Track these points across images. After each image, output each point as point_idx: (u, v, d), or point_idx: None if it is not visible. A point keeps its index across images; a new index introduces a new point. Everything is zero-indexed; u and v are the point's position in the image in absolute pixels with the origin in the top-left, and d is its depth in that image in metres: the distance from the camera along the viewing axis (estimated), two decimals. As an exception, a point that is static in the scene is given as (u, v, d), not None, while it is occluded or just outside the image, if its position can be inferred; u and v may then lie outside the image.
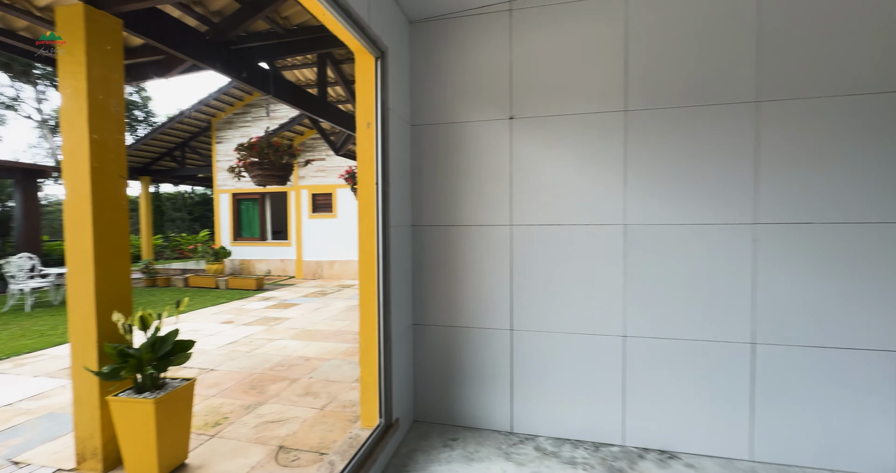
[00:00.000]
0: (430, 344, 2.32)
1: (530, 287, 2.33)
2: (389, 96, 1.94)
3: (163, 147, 13.42)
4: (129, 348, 2.61)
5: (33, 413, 3.60)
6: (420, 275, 2.31)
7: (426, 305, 2.32)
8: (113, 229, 2.73)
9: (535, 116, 2.30)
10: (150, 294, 9.66)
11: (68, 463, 2.82)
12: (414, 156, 2.32)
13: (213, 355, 5.09)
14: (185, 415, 2.79)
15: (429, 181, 2.29)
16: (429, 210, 2.29)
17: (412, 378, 2.34)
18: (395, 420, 2.00)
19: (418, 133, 2.31)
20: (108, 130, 2.68)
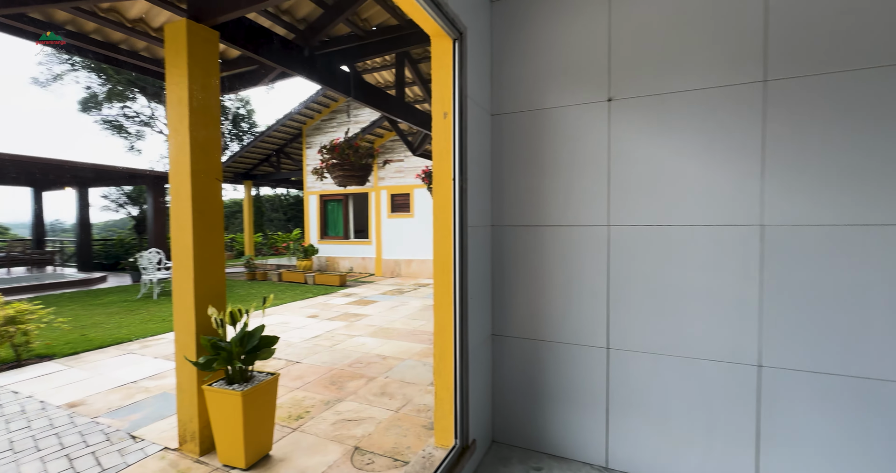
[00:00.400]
0: (511, 358, 2.08)
1: (633, 300, 1.96)
2: (468, 83, 1.75)
3: (262, 154, 14.80)
4: (221, 341, 2.75)
5: (150, 392, 4.04)
6: (500, 281, 2.08)
7: (507, 314, 2.08)
8: (209, 228, 2.90)
9: (640, 96, 1.94)
10: (249, 287, 10.64)
11: (173, 443, 3.07)
12: (494, 149, 2.08)
13: (299, 348, 5.36)
14: (270, 408, 2.88)
15: (510, 177, 2.04)
16: (511, 209, 2.04)
17: (491, 394, 2.12)
18: (471, 442, 1.81)
19: (499, 124, 2.07)
20: (206, 136, 2.85)
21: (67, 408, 3.69)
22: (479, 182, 1.90)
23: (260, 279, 11.93)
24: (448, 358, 1.75)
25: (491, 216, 2.11)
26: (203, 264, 2.86)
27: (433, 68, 1.72)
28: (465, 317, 1.73)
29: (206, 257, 2.88)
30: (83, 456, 2.93)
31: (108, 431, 3.28)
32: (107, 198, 18.88)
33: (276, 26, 3.95)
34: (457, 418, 1.78)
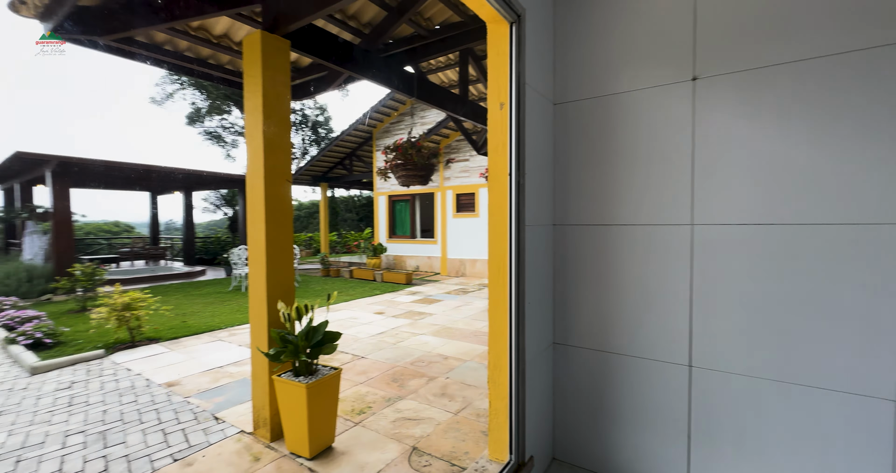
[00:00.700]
0: (576, 369, 1.89)
1: (722, 312, 1.66)
2: (526, 69, 1.60)
3: (336, 157, 15.68)
4: (289, 334, 2.88)
5: (233, 377, 4.40)
6: (563, 285, 1.89)
7: (570, 322, 1.89)
8: (280, 226, 3.06)
9: (736, 72, 1.64)
10: (323, 282, 11.30)
11: (248, 427, 3.29)
12: (557, 141, 1.90)
13: (364, 343, 5.53)
14: (332, 402, 2.96)
15: (575, 171, 1.85)
16: (575, 206, 1.85)
17: (551, 407, 1.95)
18: (528, 459, 1.68)
19: (563, 113, 1.89)
20: (277, 140, 3.01)
21: (166, 387, 4.15)
22: (539, 177, 1.75)
23: (333, 276, 12.62)
24: (503, 367, 1.62)
25: (553, 215, 1.93)
26: (274, 260, 3.03)
27: (489, 56, 1.61)
28: (522, 323, 1.59)
29: (276, 255, 3.04)
30: (175, 432, 3.24)
31: (196, 411, 3.62)
32: (206, 200, 21.27)
33: (343, 32, 4.09)
34: (512, 432, 1.65)
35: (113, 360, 5.00)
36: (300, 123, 27.50)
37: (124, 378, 4.41)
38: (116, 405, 3.76)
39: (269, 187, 2.98)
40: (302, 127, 27.74)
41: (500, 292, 1.61)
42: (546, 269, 1.85)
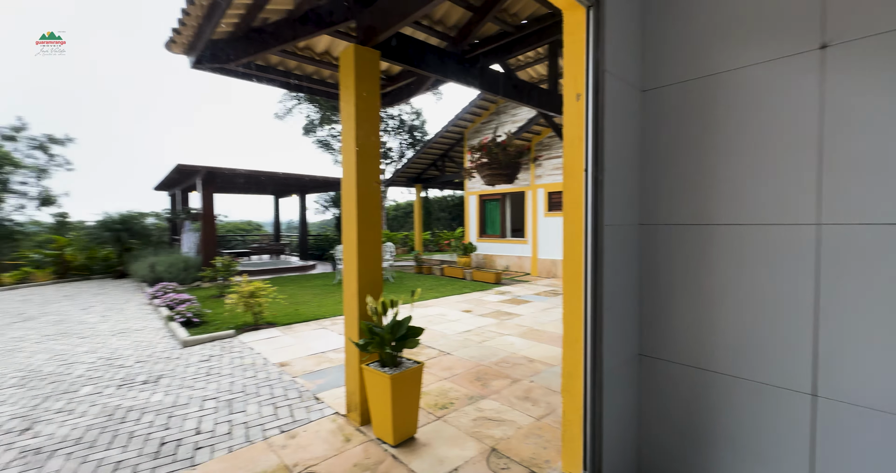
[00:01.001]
0: (667, 386, 1.67)
1: (859, 333, 1.31)
2: (606, 56, 1.46)
3: (430, 159, 16.27)
4: (376, 327, 3.07)
5: (333, 362, 4.84)
6: (653, 291, 1.69)
7: (661, 333, 1.68)
8: (370, 226, 3.27)
9: (880, 33, 1.29)
10: (416, 279, 11.82)
11: (342, 410, 3.59)
12: (646, 131, 1.70)
13: (451, 340, 5.65)
14: (415, 394, 3.08)
15: (668, 165, 1.63)
16: (667, 204, 1.64)
17: (637, 424, 1.76)
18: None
19: (654, 99, 1.69)
20: (368, 145, 3.22)
21: (279, 367, 4.72)
22: (621, 173, 1.58)
23: (426, 273, 13.13)
24: (577, 375, 1.52)
25: (639, 213, 1.73)
26: (364, 258, 3.25)
27: (565, 45, 1.51)
28: (599, 331, 1.46)
29: (367, 253, 3.26)
30: (283, 407, 3.68)
31: (301, 390, 4.05)
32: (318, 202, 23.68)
33: (430, 38, 4.22)
34: (586, 445, 1.53)
35: (240, 339, 5.85)
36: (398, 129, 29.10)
37: (248, 356, 5.13)
38: (241, 378, 4.39)
39: (361, 189, 3.20)
40: (399, 132, 29.33)
41: (575, 296, 1.50)
42: (631, 272, 1.67)
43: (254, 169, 13.06)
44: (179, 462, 2.85)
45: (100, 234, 14.34)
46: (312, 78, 4.31)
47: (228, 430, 3.28)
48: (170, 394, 4.00)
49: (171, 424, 3.39)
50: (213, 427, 3.34)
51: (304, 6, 3.19)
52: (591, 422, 1.48)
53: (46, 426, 3.42)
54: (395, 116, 28.77)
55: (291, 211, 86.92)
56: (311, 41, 3.77)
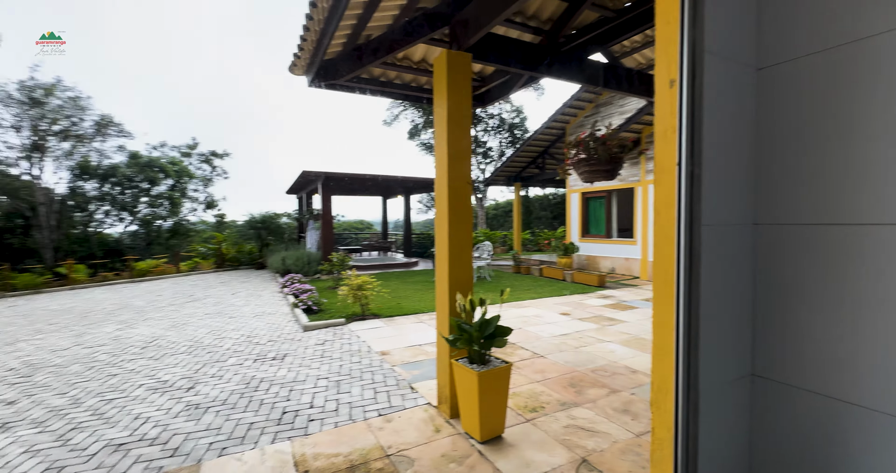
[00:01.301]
0: (788, 414, 1.39)
1: None
2: (706, 33, 1.26)
3: (529, 157, 15.94)
4: (465, 324, 3.14)
5: (428, 355, 5.07)
6: (770, 302, 1.42)
7: (779, 350, 1.41)
8: (461, 225, 3.36)
9: None
10: (514, 279, 11.70)
11: (434, 401, 3.75)
12: (762, 115, 1.42)
13: (546, 342, 5.50)
14: (502, 393, 3.08)
15: (790, 155, 1.35)
16: (791, 201, 1.35)
17: (748, 454, 1.51)
18: None
19: (774, 78, 1.41)
20: (459, 147, 3.31)
21: (380, 355, 5.11)
22: (727, 167, 1.36)
23: (524, 273, 12.92)
24: (667, 391, 1.36)
25: (753, 212, 1.47)
26: (455, 257, 3.35)
27: (657, 26, 1.34)
28: (695, 342, 1.29)
29: (457, 252, 3.36)
30: (382, 392, 3.98)
31: (398, 378, 4.34)
32: (421, 202, 24.86)
33: (524, 34, 4.15)
34: (677, 469, 1.37)
35: (349, 328, 6.47)
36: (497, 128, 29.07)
37: (355, 343, 5.65)
38: (348, 363, 4.86)
39: (452, 190, 3.30)
40: (499, 131, 29.29)
41: (666, 302, 1.35)
42: (741, 279, 1.43)
43: (364, 173, 14.27)
44: (296, 430, 3.28)
45: (246, 232, 17.10)
46: (411, 85, 4.56)
47: (335, 407, 3.66)
48: (292, 371, 4.61)
49: (291, 397, 3.91)
50: (323, 403, 3.77)
51: (401, 20, 3.40)
52: (683, 445, 1.32)
53: (203, 387, 4.21)
54: (494, 115, 28.81)
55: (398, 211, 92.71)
56: (409, 51, 4.00)
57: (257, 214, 17.16)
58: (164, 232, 21.43)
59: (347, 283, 7.11)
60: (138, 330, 6.75)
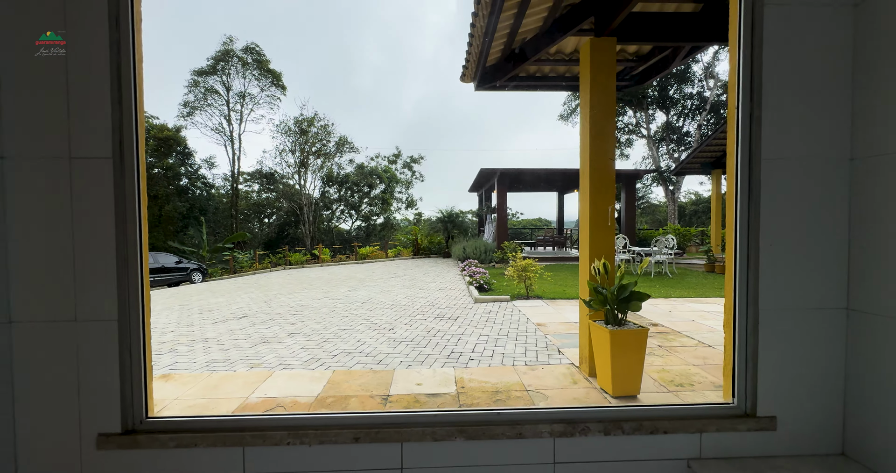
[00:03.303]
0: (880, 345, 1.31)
1: None
2: None
3: (733, 137, 13.53)
4: (601, 288, 3.42)
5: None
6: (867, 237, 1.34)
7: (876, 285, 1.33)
8: (598, 197, 3.62)
9: None
10: (702, 277, 10.33)
11: (577, 362, 4.09)
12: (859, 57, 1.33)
13: (717, 335, 5.02)
14: (636, 354, 3.24)
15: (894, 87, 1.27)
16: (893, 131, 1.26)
17: (839, 390, 1.46)
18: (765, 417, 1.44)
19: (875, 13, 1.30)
20: (601, 128, 3.58)
21: (536, 325, 5.64)
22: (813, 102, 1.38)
23: (718, 272, 11.20)
24: (730, 308, 1.51)
25: (849, 144, 1.40)
26: (594, 224, 3.64)
27: None
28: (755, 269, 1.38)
29: (596, 219, 3.64)
30: (532, 351, 4.53)
31: (548, 343, 4.80)
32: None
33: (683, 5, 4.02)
34: (734, 377, 1.48)
35: (513, 304, 7.17)
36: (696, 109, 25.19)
37: (516, 315, 6.32)
38: (507, 327, 5.57)
39: (593, 164, 3.60)
40: (699, 112, 25.31)
41: (730, 234, 1.51)
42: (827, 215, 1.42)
43: (538, 167, 14.80)
44: (459, 364, 4.15)
45: (435, 225, 19.85)
46: (565, 76, 4.90)
47: (491, 355, 4.41)
48: (461, 328, 5.60)
49: (458, 344, 4.85)
50: (482, 351, 4.56)
51: (549, 20, 3.85)
52: (739, 358, 1.45)
53: (399, 330, 5.58)
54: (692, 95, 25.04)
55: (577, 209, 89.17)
56: (560, 45, 4.37)
57: (444, 210, 19.72)
58: (378, 226, 26.65)
59: (513, 265, 7.84)
60: (360, 292, 9.04)
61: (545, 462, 1.44)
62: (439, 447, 1.41)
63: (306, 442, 1.37)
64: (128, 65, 1.34)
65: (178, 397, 3.35)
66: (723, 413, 1.49)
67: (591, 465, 1.45)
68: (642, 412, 1.48)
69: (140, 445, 1.35)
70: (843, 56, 1.45)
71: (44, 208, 1.32)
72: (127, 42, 1.33)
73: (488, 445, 1.42)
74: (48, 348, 1.34)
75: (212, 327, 6.28)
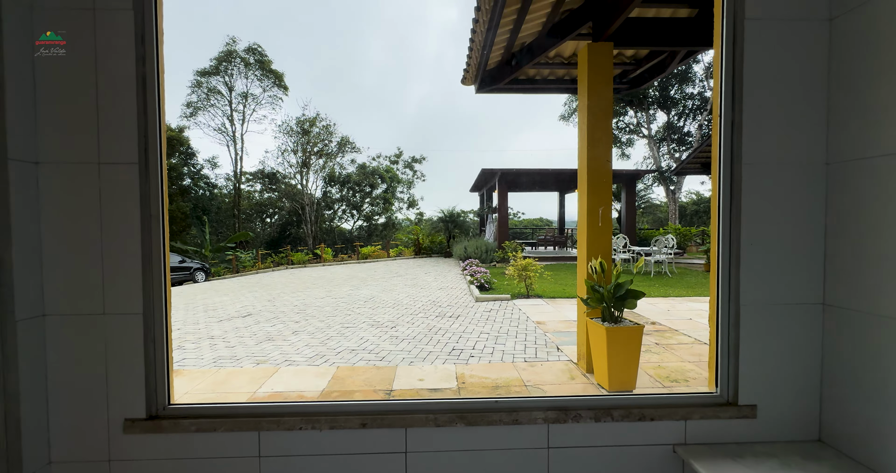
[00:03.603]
0: (857, 342, 1.41)
1: None
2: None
3: (732, 138, 13.60)
4: (598, 286, 3.52)
5: (580, 329, 5.43)
6: (841, 235, 1.45)
7: (850, 281, 1.43)
8: (595, 198, 3.72)
9: None
10: (701, 276, 10.41)
11: (575, 359, 4.19)
12: (834, 68, 1.44)
13: (715, 333, 5.11)
14: (632, 351, 3.34)
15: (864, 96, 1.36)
16: (864, 137, 1.36)
17: (815, 380, 1.56)
18: (745, 405, 1.54)
19: (847, 26, 1.40)
20: (598, 130, 3.68)
21: (536, 324, 5.74)
22: (789, 111, 1.48)
23: (717, 271, 11.28)
24: (713, 303, 1.61)
25: (825, 149, 1.50)
26: (591, 225, 3.74)
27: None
28: (736, 266, 1.50)
29: (593, 220, 3.73)
30: (531, 348, 4.63)
31: (547, 341, 4.90)
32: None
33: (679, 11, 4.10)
34: (717, 368, 1.58)
35: (514, 303, 7.27)
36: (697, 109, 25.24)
37: (516, 313, 6.42)
38: (507, 325, 5.67)
39: (591, 167, 3.70)
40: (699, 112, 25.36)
41: (714, 232, 1.61)
42: (811, 215, 1.52)
43: (538, 168, 14.89)
44: (460, 360, 4.26)
45: (437, 225, 19.95)
46: (564, 79, 5.00)
47: (491, 352, 4.51)
48: (462, 326, 5.71)
49: (459, 341, 4.96)
50: (482, 348, 4.67)
51: (548, 25, 3.95)
52: (721, 350, 1.55)
53: (401, 328, 5.69)
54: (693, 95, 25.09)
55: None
56: (559, 49, 4.47)
57: (445, 210, 19.81)
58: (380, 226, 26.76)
59: (514, 264, 7.93)
60: (362, 291, 9.15)
61: (540, 446, 1.54)
62: (441, 432, 1.51)
63: (318, 428, 1.48)
64: (153, 77, 1.44)
65: (188, 391, 3.46)
66: (706, 402, 1.59)
67: (583, 450, 1.55)
68: (631, 400, 1.58)
69: (163, 429, 1.45)
70: (820, 67, 1.55)
71: (75, 210, 1.42)
72: (152, 57, 1.43)
73: (487, 431, 1.52)
74: (78, 339, 1.45)
75: (217, 325, 6.39)
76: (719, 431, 1.58)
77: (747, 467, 1.44)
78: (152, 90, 1.45)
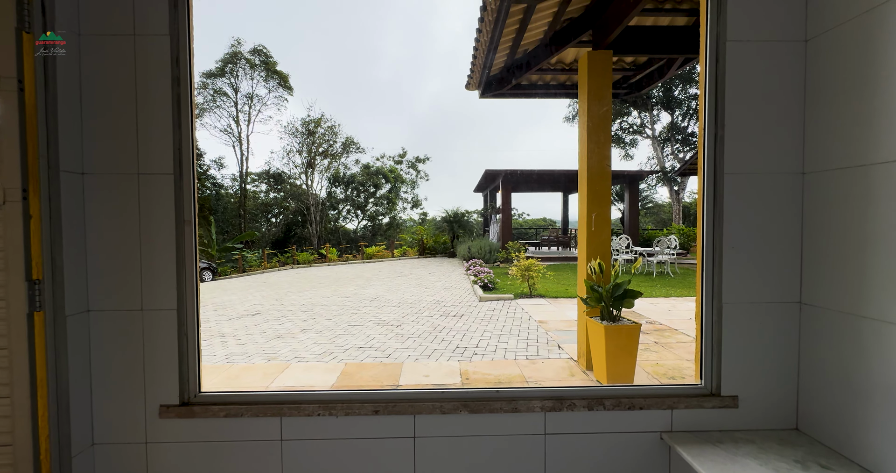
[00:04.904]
0: (826, 337, 1.55)
1: None
2: (729, 17, 1.57)
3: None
4: (597, 286, 3.65)
5: (581, 328, 5.55)
6: (817, 240, 1.57)
7: (821, 281, 1.56)
8: (595, 200, 3.85)
9: None
10: (703, 277, 10.49)
11: (575, 357, 4.32)
12: (811, 85, 1.57)
13: (714, 332, 5.22)
14: (629, 348, 3.47)
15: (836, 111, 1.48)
16: (836, 148, 1.49)
17: (792, 374, 1.69)
18: (728, 396, 1.66)
19: (824, 46, 1.53)
20: (598, 131, 3.81)
21: (538, 322, 5.86)
22: (765, 122, 1.61)
23: (720, 272, 11.36)
24: (699, 303, 1.74)
25: (801, 160, 1.62)
26: (590, 226, 3.86)
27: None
28: (718, 269, 1.62)
29: (593, 226, 3.86)
30: (532, 346, 4.76)
31: (549, 339, 5.03)
32: (604, 197, 23.82)
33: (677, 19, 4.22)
34: (702, 362, 1.71)
35: (516, 302, 7.40)
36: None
37: (519, 312, 6.55)
38: (510, 324, 5.80)
39: (590, 169, 3.83)
40: (704, 112, 25.34)
41: (699, 238, 1.74)
42: (782, 222, 1.65)
43: (542, 168, 15.00)
44: (463, 357, 4.40)
45: (441, 225, 20.09)
46: (566, 84, 5.12)
47: (494, 349, 4.65)
48: (466, 324, 5.85)
49: (462, 339, 5.10)
50: (485, 345, 4.80)
51: (550, 33, 4.08)
52: (706, 345, 1.68)
53: (407, 326, 5.84)
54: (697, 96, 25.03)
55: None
56: (561, 55, 4.60)
57: (449, 210, 19.95)
58: (384, 226, 26.93)
59: (517, 265, 8.06)
60: (367, 290, 9.31)
61: (537, 432, 1.68)
62: (446, 419, 1.65)
63: (334, 414, 1.62)
64: (186, 96, 1.60)
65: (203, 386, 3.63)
66: (692, 393, 1.72)
67: (577, 436, 1.69)
68: (621, 390, 1.72)
69: (195, 414, 1.61)
70: (797, 84, 1.68)
71: (117, 216, 1.57)
72: (185, 78, 1.58)
73: (488, 418, 1.66)
74: (118, 332, 1.60)
75: (227, 323, 6.57)
76: (703, 420, 1.71)
77: (727, 452, 1.57)
78: (186, 107, 1.60)
